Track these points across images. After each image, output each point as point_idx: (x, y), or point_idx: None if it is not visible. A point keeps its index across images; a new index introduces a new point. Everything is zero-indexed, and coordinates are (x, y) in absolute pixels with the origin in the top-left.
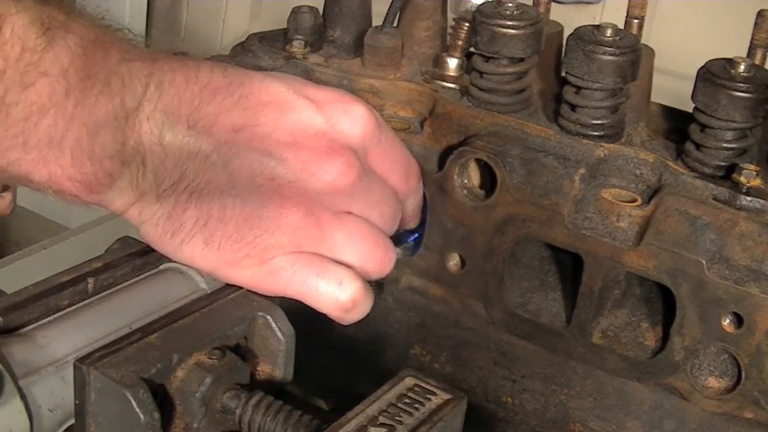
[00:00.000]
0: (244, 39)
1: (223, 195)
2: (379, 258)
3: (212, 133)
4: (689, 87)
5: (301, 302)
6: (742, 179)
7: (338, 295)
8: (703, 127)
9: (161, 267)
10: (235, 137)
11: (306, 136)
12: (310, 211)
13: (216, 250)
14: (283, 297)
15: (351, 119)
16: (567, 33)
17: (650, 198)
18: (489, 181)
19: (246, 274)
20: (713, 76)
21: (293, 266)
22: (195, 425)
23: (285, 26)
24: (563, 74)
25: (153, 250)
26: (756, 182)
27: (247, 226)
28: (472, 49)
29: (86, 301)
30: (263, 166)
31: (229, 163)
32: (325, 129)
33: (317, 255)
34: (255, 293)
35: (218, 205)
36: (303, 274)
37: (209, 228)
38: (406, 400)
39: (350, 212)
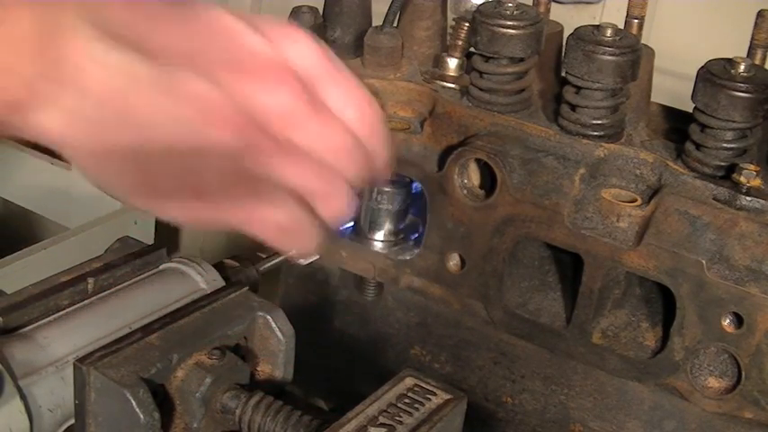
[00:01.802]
0: None
1: (161, 120)
2: (325, 191)
3: (153, 57)
4: (689, 87)
5: (300, 303)
6: (742, 179)
7: (276, 219)
8: (703, 127)
9: (161, 267)
10: (177, 62)
11: (249, 62)
12: (249, 136)
13: (145, 180)
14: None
15: (296, 47)
16: (567, 33)
17: (650, 198)
18: (489, 181)
19: (178, 207)
20: (713, 76)
21: (227, 194)
22: (195, 425)
23: None
24: (563, 74)
25: (153, 250)
26: (756, 182)
27: (184, 152)
28: (472, 49)
29: (86, 301)
30: (208, 91)
31: (170, 88)
32: (270, 55)
33: (255, 179)
34: (255, 293)
35: (152, 131)
36: (238, 201)
37: (140, 156)
38: (406, 400)
39: (295, 143)
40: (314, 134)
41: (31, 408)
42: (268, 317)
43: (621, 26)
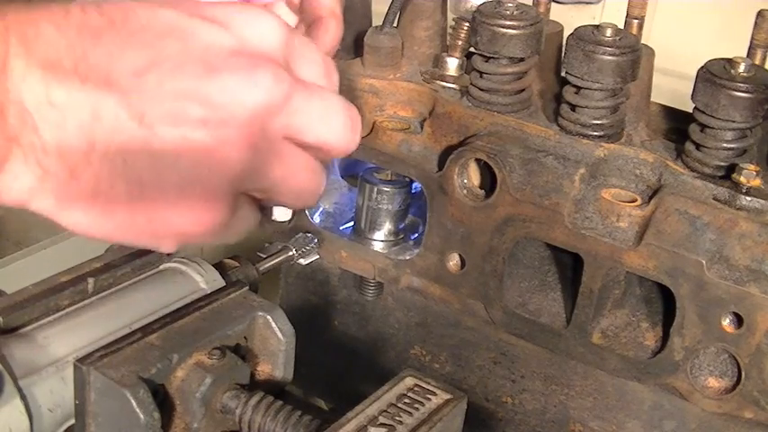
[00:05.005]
0: None
1: (151, 156)
2: (310, 190)
3: (112, 83)
4: (689, 87)
5: (300, 303)
6: (742, 179)
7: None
8: (703, 127)
9: (161, 267)
10: (140, 83)
11: (220, 60)
12: (251, 144)
13: (157, 218)
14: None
15: (260, 29)
16: (567, 33)
17: (650, 198)
18: (489, 181)
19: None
20: (713, 76)
21: (240, 211)
22: (195, 425)
23: None
24: (563, 74)
25: (153, 250)
26: (756, 182)
27: (187, 187)
28: (472, 49)
29: (86, 301)
30: (185, 110)
31: (144, 116)
32: (238, 46)
33: (252, 197)
34: (255, 293)
35: (148, 169)
36: (246, 214)
37: (146, 195)
38: (406, 400)
39: (289, 137)
40: (310, 118)
41: (31, 408)
42: (268, 317)
43: (621, 26)
